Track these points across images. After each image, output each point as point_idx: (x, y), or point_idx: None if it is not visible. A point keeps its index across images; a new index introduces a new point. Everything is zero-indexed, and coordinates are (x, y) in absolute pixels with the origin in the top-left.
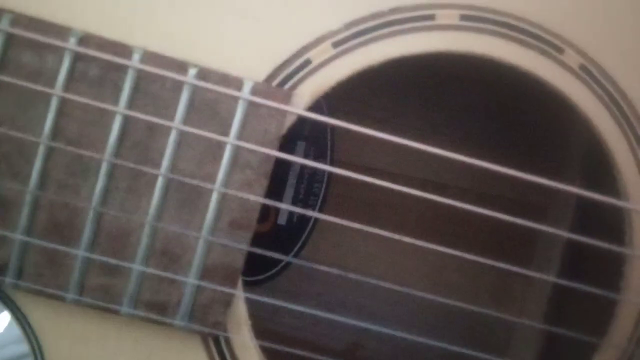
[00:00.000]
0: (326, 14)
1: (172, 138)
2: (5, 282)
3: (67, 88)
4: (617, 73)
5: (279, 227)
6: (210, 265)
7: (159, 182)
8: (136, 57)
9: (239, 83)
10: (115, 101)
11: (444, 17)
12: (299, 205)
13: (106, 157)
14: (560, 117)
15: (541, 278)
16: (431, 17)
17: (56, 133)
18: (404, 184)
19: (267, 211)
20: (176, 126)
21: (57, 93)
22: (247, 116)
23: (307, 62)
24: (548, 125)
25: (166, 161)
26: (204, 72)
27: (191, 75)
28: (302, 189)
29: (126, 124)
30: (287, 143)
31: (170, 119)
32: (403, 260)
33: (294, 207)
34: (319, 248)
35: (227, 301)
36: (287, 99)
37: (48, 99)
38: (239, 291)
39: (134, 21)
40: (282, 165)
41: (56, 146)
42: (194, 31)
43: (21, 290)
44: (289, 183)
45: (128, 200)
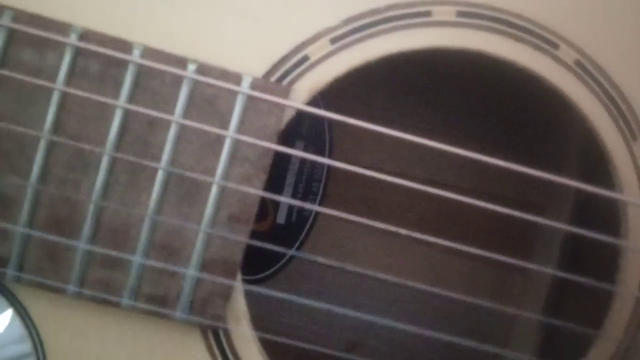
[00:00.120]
0: (324, 10)
1: (171, 133)
2: (7, 275)
3: (68, 84)
4: (612, 68)
5: (278, 226)
6: (209, 258)
7: (159, 177)
8: (136, 52)
9: (237, 78)
10: (115, 97)
11: (441, 13)
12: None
13: (107, 150)
14: (557, 114)
15: (539, 278)
16: (428, 14)
17: (57, 129)
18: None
19: (266, 210)
20: (176, 120)
21: (58, 87)
22: (245, 111)
23: (305, 59)
24: (546, 122)
25: (166, 156)
26: (203, 68)
27: (190, 70)
28: (301, 188)
29: (126, 119)
30: (285, 142)
31: (170, 114)
32: (402, 260)
33: (293, 200)
34: (317, 247)
35: (226, 294)
36: (285, 95)
37: (49, 95)
38: (238, 283)
39: (134, 21)
40: (280, 165)
41: (57, 141)
42: (192, 29)
43: (22, 283)
44: (287, 182)
45: (128, 194)
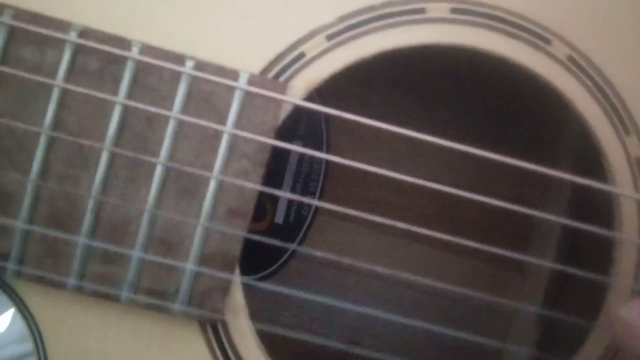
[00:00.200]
0: (320, 8)
1: (169, 129)
2: (7, 270)
3: (67, 81)
4: (604, 64)
5: (276, 225)
6: (208, 253)
7: (158, 172)
8: (135, 49)
9: (235, 75)
10: (114, 94)
11: (434, 10)
12: (295, 204)
13: (106, 146)
14: (551, 110)
15: (537, 276)
16: (422, 11)
17: (57, 125)
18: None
19: (264, 210)
20: (174, 115)
21: (58, 84)
22: (243, 107)
23: (301, 55)
24: (541, 119)
25: (164, 152)
26: (200, 65)
27: (188, 67)
28: (298, 187)
29: (125, 116)
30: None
31: (168, 111)
32: (400, 261)
33: (292, 195)
34: (315, 247)
35: (224, 288)
36: (282, 91)
37: (48, 92)
38: (236, 277)
39: (133, 20)
40: (277, 166)
41: (57, 137)
42: (190, 28)
43: (23, 278)
44: (285, 182)
45: (127, 190)
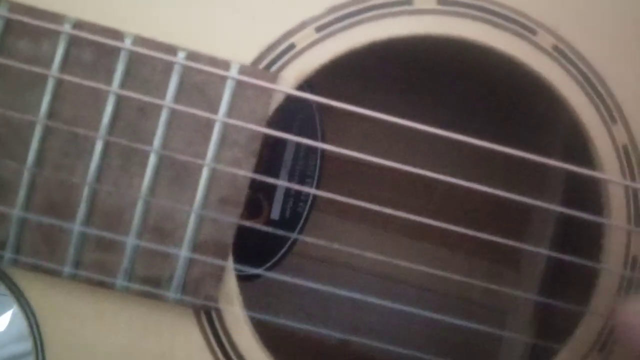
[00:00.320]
0: None
1: (162, 119)
2: (4, 258)
3: (62, 72)
4: (590, 53)
5: (272, 222)
6: (201, 240)
7: (151, 161)
8: (128, 41)
9: (226, 65)
10: (108, 85)
11: (422, 1)
12: (291, 200)
13: (100, 134)
14: (540, 101)
15: (531, 272)
16: (409, 2)
17: (52, 115)
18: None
19: (260, 206)
20: (167, 104)
21: (53, 74)
22: (234, 97)
23: (291, 47)
24: (530, 110)
25: (157, 141)
26: (192, 55)
27: (180, 58)
28: (294, 182)
29: (118, 106)
30: (277, 144)
31: (161, 100)
32: (395, 256)
33: (288, 183)
34: (311, 243)
35: (218, 275)
36: (272, 81)
37: (44, 83)
38: (229, 264)
39: (126, 13)
40: (273, 163)
41: (52, 127)
42: (183, 21)
43: (19, 267)
44: (280, 178)
45: (121, 178)
